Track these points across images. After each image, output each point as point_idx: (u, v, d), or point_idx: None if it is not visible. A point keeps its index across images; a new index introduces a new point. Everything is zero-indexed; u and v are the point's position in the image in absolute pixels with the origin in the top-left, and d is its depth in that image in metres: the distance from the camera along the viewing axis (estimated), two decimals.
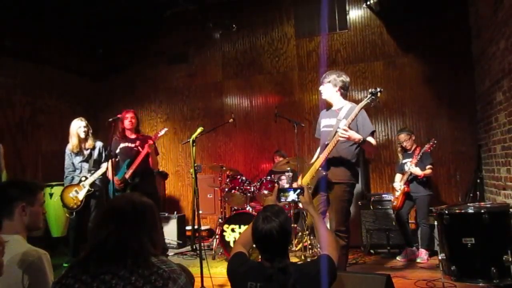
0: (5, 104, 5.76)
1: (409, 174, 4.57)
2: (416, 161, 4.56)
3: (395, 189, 4.70)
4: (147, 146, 4.40)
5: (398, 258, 4.60)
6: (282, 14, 6.73)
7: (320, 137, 3.66)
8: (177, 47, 7.20)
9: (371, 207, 5.01)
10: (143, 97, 7.36)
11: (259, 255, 1.90)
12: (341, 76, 3.50)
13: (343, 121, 3.32)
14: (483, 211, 2.95)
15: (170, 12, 7.01)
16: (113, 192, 4.35)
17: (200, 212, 4.13)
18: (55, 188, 5.48)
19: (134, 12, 6.48)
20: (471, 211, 3.06)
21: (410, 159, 4.67)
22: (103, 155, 4.91)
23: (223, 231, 4.73)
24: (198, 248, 4.18)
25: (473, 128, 5.59)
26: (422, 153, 4.55)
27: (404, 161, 4.78)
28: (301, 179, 3.58)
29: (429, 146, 4.55)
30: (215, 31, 6.77)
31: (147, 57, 7.33)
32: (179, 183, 7.13)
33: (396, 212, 4.66)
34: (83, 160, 4.80)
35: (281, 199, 2.34)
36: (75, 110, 6.73)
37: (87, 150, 4.81)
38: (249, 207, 4.89)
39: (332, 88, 3.51)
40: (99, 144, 4.92)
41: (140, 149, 4.47)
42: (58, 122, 6.34)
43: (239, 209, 5.03)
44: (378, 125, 6.06)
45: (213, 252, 5.04)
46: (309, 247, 4.70)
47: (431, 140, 4.62)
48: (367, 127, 3.38)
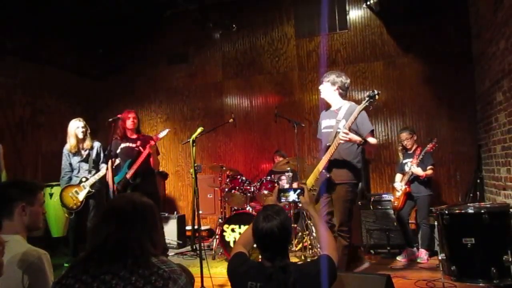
0: (5, 104, 5.76)
1: (410, 174, 4.57)
2: (417, 161, 4.55)
3: (396, 189, 4.70)
4: (148, 147, 4.38)
5: (398, 258, 4.60)
6: (282, 14, 6.73)
7: (321, 138, 3.68)
8: (177, 47, 7.20)
9: (371, 207, 5.00)
10: (143, 97, 7.36)
11: (259, 255, 1.91)
12: (341, 76, 3.52)
13: (342, 122, 3.35)
14: (483, 211, 2.95)
15: (170, 12, 7.01)
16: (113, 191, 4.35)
17: (200, 212, 4.13)
18: (55, 188, 5.48)
19: (134, 12, 6.48)
20: (471, 211, 3.06)
21: (410, 159, 4.67)
22: (101, 155, 4.91)
23: (223, 231, 4.73)
24: (198, 248, 4.17)
25: (473, 128, 5.59)
26: (424, 153, 4.54)
27: (404, 161, 4.77)
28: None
29: (432, 146, 4.52)
30: (215, 31, 6.77)
31: (147, 57, 7.34)
32: (179, 183, 7.13)
33: (397, 212, 4.66)
34: (81, 160, 4.79)
35: (282, 199, 2.35)
36: (75, 110, 6.73)
37: (85, 150, 4.80)
38: (249, 207, 4.89)
39: (330, 87, 3.54)
40: (97, 144, 4.92)
41: (141, 149, 4.46)
42: (58, 122, 6.33)
43: (239, 209, 5.03)
44: (378, 125, 6.07)
45: (213, 252, 5.04)
46: (309, 247, 4.71)
47: (433, 140, 4.59)
48: (366, 126, 3.40)
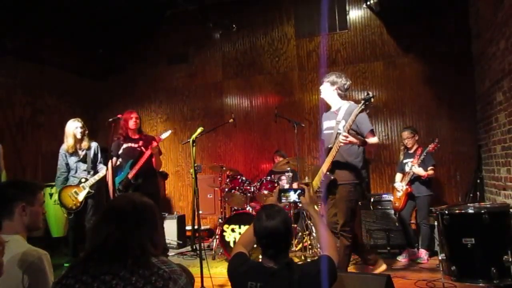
0: (5, 104, 5.76)
1: (411, 174, 4.56)
2: (417, 161, 4.55)
3: (397, 189, 4.70)
4: (151, 147, 4.37)
5: (398, 258, 4.60)
6: (282, 14, 6.73)
7: (324, 139, 3.72)
8: (177, 47, 7.20)
9: (371, 207, 5.00)
10: (143, 97, 7.36)
11: (259, 255, 1.91)
12: (341, 77, 3.55)
13: (342, 122, 3.38)
14: (483, 211, 2.95)
15: (170, 12, 7.02)
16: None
17: (200, 212, 4.13)
18: (55, 188, 5.47)
19: (134, 12, 6.47)
20: (471, 211, 3.07)
21: (411, 159, 4.67)
22: (99, 155, 4.90)
23: (223, 231, 4.73)
24: (198, 248, 4.17)
25: (473, 128, 5.59)
26: (425, 153, 4.53)
27: (405, 161, 4.77)
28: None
29: (433, 146, 4.50)
30: (215, 31, 6.77)
31: (147, 57, 7.34)
32: (179, 183, 7.13)
33: (398, 212, 4.66)
34: (79, 160, 4.78)
35: (282, 200, 2.36)
36: (75, 110, 6.73)
37: (83, 150, 4.79)
38: (249, 207, 4.89)
39: (329, 87, 3.57)
40: (94, 144, 4.91)
41: (143, 149, 4.45)
42: (58, 122, 6.31)
43: (239, 209, 5.03)
44: (378, 125, 6.07)
45: (213, 252, 5.04)
46: (309, 247, 4.71)
47: (435, 140, 4.57)
48: (365, 126, 3.41)
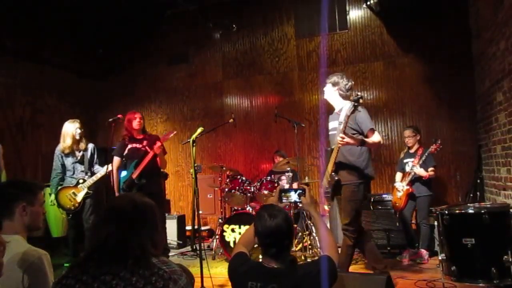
0: (5, 104, 5.76)
1: (413, 174, 4.56)
2: (418, 161, 4.55)
3: (397, 189, 4.69)
4: (155, 148, 4.36)
5: (398, 258, 4.60)
6: (282, 14, 6.73)
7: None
8: (177, 47, 7.20)
9: (371, 207, 5.00)
10: (143, 97, 7.36)
11: (259, 255, 1.91)
12: (343, 78, 3.59)
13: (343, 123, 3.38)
14: (483, 212, 2.95)
15: (170, 12, 7.02)
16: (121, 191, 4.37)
17: (200, 212, 4.13)
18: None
19: (134, 12, 6.48)
20: (471, 211, 3.06)
21: (411, 159, 4.67)
22: (95, 156, 4.89)
23: (223, 231, 4.73)
24: (198, 248, 4.17)
25: (473, 128, 5.59)
26: (427, 154, 4.53)
27: (405, 161, 4.77)
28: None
29: (436, 147, 4.49)
30: (215, 31, 6.78)
31: (147, 57, 7.34)
32: (179, 183, 7.13)
33: (399, 212, 4.66)
34: (76, 161, 4.77)
35: (283, 200, 2.36)
36: (75, 110, 6.74)
37: (80, 151, 4.78)
38: (249, 207, 4.89)
39: (331, 88, 3.61)
40: (90, 146, 4.89)
41: (148, 149, 4.45)
42: (58, 122, 6.26)
43: (239, 209, 5.03)
44: (378, 125, 6.06)
45: (213, 252, 5.04)
46: (309, 247, 4.71)
47: (437, 141, 4.55)
48: (365, 125, 3.42)
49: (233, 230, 4.68)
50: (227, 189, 5.10)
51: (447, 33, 5.80)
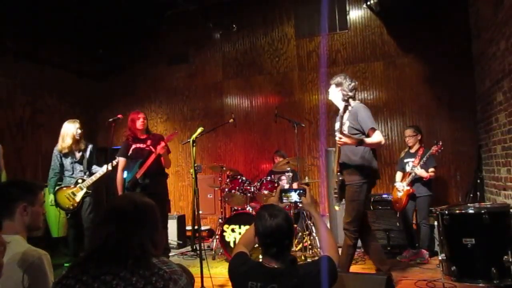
0: (5, 104, 5.76)
1: (413, 175, 4.56)
2: (419, 162, 4.55)
3: (398, 189, 4.69)
4: (159, 148, 4.35)
5: (398, 258, 4.60)
6: (282, 14, 6.73)
7: None
8: (177, 47, 7.21)
9: (371, 207, 5.00)
10: (143, 97, 7.36)
11: (259, 255, 1.91)
12: (345, 78, 3.58)
13: (346, 123, 3.41)
14: (483, 212, 2.94)
15: (170, 12, 7.02)
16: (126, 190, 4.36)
17: (200, 212, 4.13)
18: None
19: (134, 12, 6.48)
20: (471, 211, 3.06)
21: (412, 159, 4.67)
22: (94, 156, 4.90)
23: (223, 231, 4.73)
24: (198, 248, 4.17)
25: (473, 128, 5.59)
26: (428, 155, 4.52)
27: (405, 160, 4.77)
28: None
29: (437, 148, 4.49)
30: (215, 31, 6.78)
31: (147, 57, 7.34)
32: (179, 183, 7.13)
33: (400, 212, 4.66)
34: (75, 161, 4.77)
35: (283, 200, 2.36)
36: (75, 110, 6.74)
37: (79, 152, 4.78)
38: (249, 207, 4.89)
39: (335, 88, 3.62)
40: (89, 146, 4.90)
41: (152, 149, 4.44)
42: (58, 122, 6.26)
43: (239, 209, 5.03)
44: (378, 125, 6.02)
45: (213, 252, 5.04)
46: (309, 247, 4.71)
47: (439, 142, 4.53)
48: (365, 124, 3.41)
49: (233, 230, 4.68)
50: (227, 189, 5.10)
51: (447, 33, 5.80)
